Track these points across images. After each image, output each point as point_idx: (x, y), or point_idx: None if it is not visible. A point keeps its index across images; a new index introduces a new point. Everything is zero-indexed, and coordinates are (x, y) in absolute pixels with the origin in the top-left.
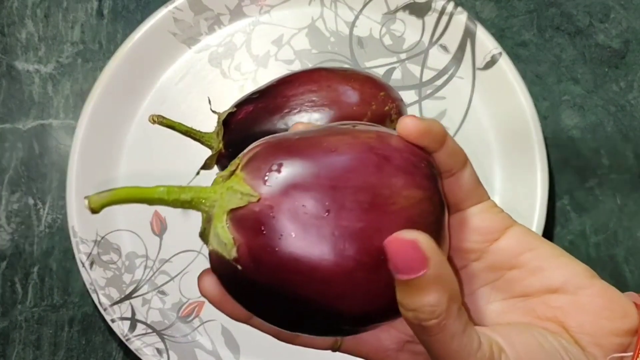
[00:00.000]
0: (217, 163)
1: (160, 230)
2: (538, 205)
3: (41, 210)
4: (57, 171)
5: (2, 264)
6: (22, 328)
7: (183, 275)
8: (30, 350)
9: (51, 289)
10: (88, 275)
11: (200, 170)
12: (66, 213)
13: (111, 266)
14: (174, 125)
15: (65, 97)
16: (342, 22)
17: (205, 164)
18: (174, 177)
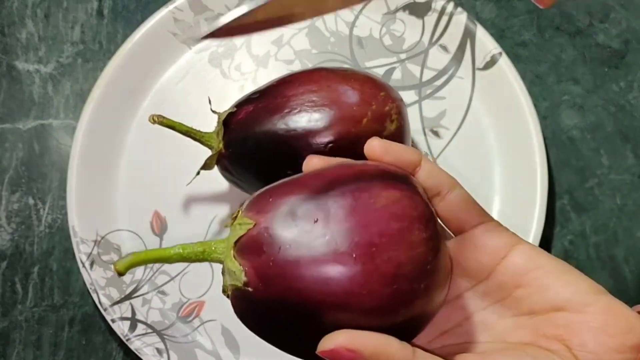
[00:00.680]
0: (217, 163)
1: (160, 230)
2: (538, 205)
3: (41, 210)
4: (57, 171)
5: (2, 264)
6: (22, 328)
7: (183, 275)
8: (30, 350)
9: (51, 289)
10: (88, 275)
11: (200, 170)
12: (66, 213)
13: (111, 266)
14: (174, 125)
15: (65, 97)
16: (342, 22)
17: (205, 164)
18: (174, 177)
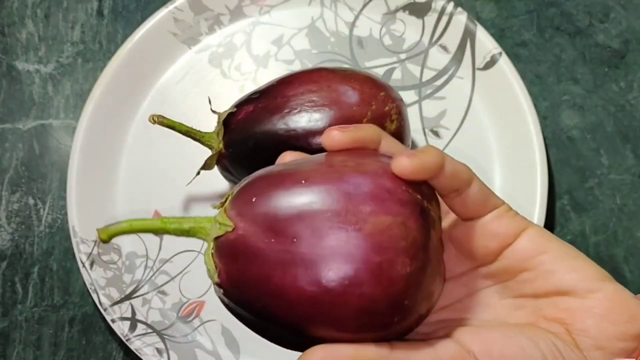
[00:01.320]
0: (217, 163)
1: None
2: (538, 205)
3: (41, 210)
4: (57, 171)
5: (2, 264)
6: (23, 328)
7: (183, 275)
8: (30, 350)
9: (51, 289)
10: (88, 275)
11: (200, 170)
12: (66, 213)
13: (111, 266)
14: (174, 125)
15: (65, 97)
16: (342, 22)
17: (205, 164)
18: (174, 177)
